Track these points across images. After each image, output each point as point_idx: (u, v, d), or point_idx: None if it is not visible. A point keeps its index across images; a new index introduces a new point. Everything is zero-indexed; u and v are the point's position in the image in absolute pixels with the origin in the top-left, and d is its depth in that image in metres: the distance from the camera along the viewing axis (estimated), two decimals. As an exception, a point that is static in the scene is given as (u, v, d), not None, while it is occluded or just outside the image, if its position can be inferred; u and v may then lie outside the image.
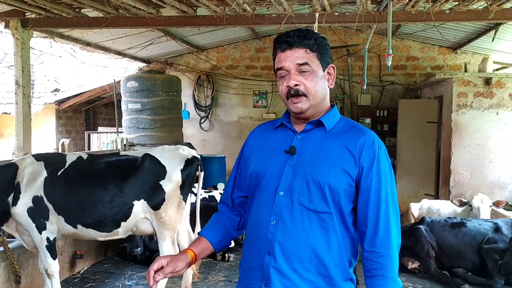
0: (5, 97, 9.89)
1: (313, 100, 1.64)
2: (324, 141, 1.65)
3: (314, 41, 1.63)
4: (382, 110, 9.57)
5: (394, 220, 1.62)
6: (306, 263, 1.59)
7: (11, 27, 5.55)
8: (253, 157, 1.77)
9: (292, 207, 1.60)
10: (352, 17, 5.40)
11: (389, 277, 1.58)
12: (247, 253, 1.71)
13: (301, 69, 1.62)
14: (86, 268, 5.39)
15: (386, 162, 1.64)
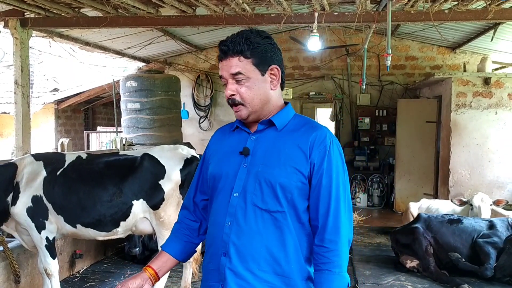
0: (4, 96, 9.88)
1: (251, 107, 1.65)
2: (276, 140, 1.66)
3: (247, 46, 1.62)
4: (381, 110, 9.59)
5: (345, 216, 1.62)
6: (261, 263, 1.60)
7: (10, 27, 5.55)
8: (212, 160, 1.79)
9: (246, 208, 1.61)
10: (351, 17, 5.41)
11: (336, 272, 1.59)
12: (207, 254, 1.72)
13: (236, 78, 1.63)
14: (85, 268, 5.39)
15: (338, 157, 1.64)
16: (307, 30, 9.06)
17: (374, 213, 8.84)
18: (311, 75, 9.74)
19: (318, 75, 9.77)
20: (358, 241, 6.50)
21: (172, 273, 4.65)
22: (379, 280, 5.04)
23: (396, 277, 5.14)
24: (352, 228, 1.67)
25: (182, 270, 4.56)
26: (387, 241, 6.48)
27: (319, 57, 9.63)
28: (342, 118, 9.79)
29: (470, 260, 4.94)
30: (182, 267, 4.60)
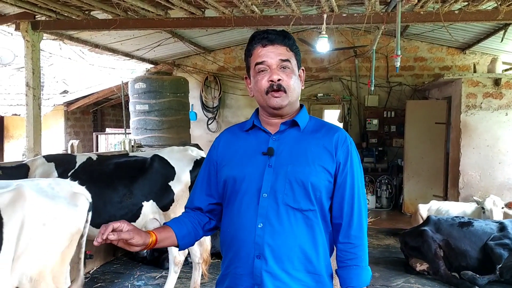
0: (15, 98, 9.97)
1: (291, 97, 1.67)
2: (300, 140, 1.68)
3: (293, 42, 1.70)
4: (389, 111, 9.55)
5: (364, 212, 1.71)
6: (295, 262, 1.61)
7: (21, 29, 5.60)
8: (226, 163, 1.74)
9: (278, 208, 1.61)
10: (360, 18, 5.40)
11: (363, 266, 1.65)
12: (232, 260, 1.67)
13: (283, 65, 1.65)
14: (95, 268, 5.43)
15: (357, 157, 1.71)
16: (315, 31, 9.06)
17: (383, 214, 8.80)
18: (319, 77, 9.73)
19: (326, 77, 9.75)
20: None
21: (181, 274, 4.67)
22: (388, 282, 5.02)
23: (405, 279, 5.12)
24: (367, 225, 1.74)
25: (191, 271, 4.58)
26: (396, 243, 6.45)
27: (327, 58, 9.62)
28: (350, 120, 9.77)
29: (481, 263, 4.90)
30: (191, 268, 4.61)
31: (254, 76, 1.69)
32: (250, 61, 1.71)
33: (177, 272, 4.34)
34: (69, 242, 2.72)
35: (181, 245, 1.73)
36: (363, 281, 1.65)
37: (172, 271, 4.31)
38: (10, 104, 9.94)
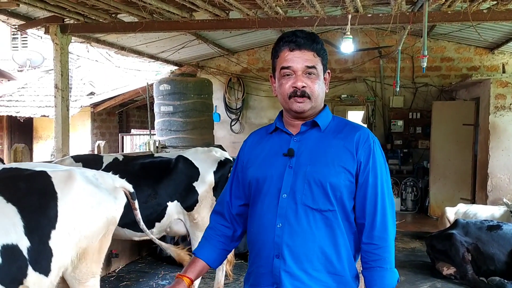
0: (43, 100, 10.23)
1: (315, 102, 1.69)
2: (321, 140, 1.69)
3: (321, 46, 1.69)
4: (415, 112, 9.40)
5: (390, 213, 1.66)
6: (315, 262, 1.61)
7: (50, 33, 5.74)
8: (251, 164, 1.78)
9: (297, 208, 1.62)
10: (386, 18, 5.33)
11: (387, 268, 1.61)
12: (255, 259, 1.70)
13: (308, 71, 1.66)
14: (121, 267, 5.51)
15: (381, 156, 1.68)
16: (339, 32, 9.00)
17: (408, 217, 8.66)
18: (343, 78, 9.66)
19: (350, 78, 9.67)
20: (391, 246, 6.38)
21: (205, 275, 4.68)
22: (414, 286, 4.95)
23: (432, 283, 5.03)
24: (395, 225, 1.69)
25: (214, 271, 4.60)
26: (422, 246, 6.34)
27: (351, 59, 9.54)
28: (375, 121, 9.66)
29: (510, 267, 4.78)
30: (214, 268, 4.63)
31: (279, 79, 1.70)
32: (276, 63, 1.71)
33: (200, 272, 4.36)
34: (107, 231, 2.83)
35: (215, 267, 1.86)
36: (388, 284, 1.61)
37: (196, 271, 4.33)
38: (39, 106, 10.20)
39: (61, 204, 2.59)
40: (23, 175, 2.64)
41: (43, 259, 2.49)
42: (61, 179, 2.67)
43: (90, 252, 2.73)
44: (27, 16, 5.78)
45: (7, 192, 2.49)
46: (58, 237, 2.55)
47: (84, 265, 2.71)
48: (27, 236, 2.43)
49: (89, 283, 2.76)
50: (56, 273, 2.56)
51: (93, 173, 2.90)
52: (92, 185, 2.77)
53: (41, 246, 2.48)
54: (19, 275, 2.41)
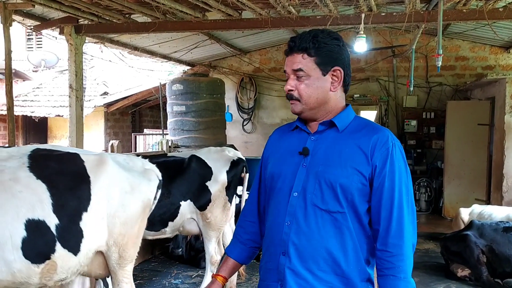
0: (58, 100, 10.35)
1: (306, 104, 1.66)
2: (337, 141, 1.66)
3: (312, 44, 1.63)
4: (429, 112, 9.30)
5: (408, 219, 1.59)
6: (321, 263, 1.59)
7: (65, 33, 5.80)
8: (270, 160, 1.80)
9: (306, 208, 1.61)
10: (400, 17, 5.28)
11: (401, 277, 1.56)
12: (265, 254, 1.73)
13: (297, 74, 1.65)
14: (134, 266, 5.53)
15: (400, 160, 1.61)
16: (352, 31, 8.95)
17: (421, 218, 8.58)
18: (356, 77, 9.59)
19: (363, 77, 9.61)
20: (405, 247, 6.32)
21: (217, 274, 4.70)
22: (428, 287, 4.89)
23: (446, 285, 4.98)
24: (416, 232, 1.63)
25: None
26: (436, 247, 6.28)
27: (364, 58, 9.48)
28: (388, 121, 9.58)
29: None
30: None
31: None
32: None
33: (213, 271, 4.37)
34: (143, 215, 2.86)
35: (247, 263, 1.94)
36: None
37: (208, 271, 4.35)
38: (53, 106, 10.33)
39: (94, 188, 2.63)
40: (55, 155, 2.68)
41: (72, 238, 2.54)
42: (93, 163, 2.70)
43: (129, 238, 2.76)
44: (42, 17, 5.84)
45: (38, 169, 2.54)
46: (90, 220, 2.58)
47: (124, 250, 2.76)
48: (55, 213, 2.48)
49: (127, 267, 2.85)
50: (85, 254, 2.60)
51: (124, 157, 2.94)
52: (124, 170, 2.79)
53: (71, 225, 2.53)
54: (46, 249, 2.46)
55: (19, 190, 2.45)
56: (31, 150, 2.65)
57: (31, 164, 2.54)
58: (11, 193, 2.43)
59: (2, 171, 2.48)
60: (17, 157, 2.58)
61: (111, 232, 2.69)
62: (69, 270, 2.58)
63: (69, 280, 2.69)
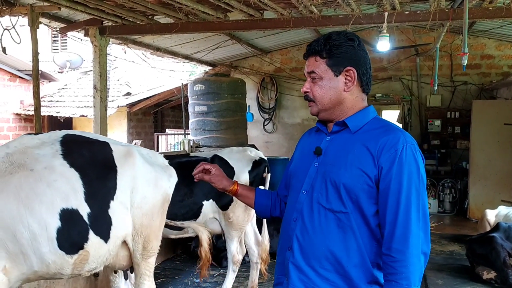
0: (82, 100, 10.54)
1: (321, 105, 1.71)
2: (347, 141, 1.67)
3: (324, 47, 1.67)
4: (453, 112, 9.14)
5: (416, 225, 1.54)
6: (322, 261, 1.62)
7: (90, 35, 5.90)
8: (293, 159, 1.89)
9: (311, 206, 1.66)
10: (424, 16, 5.20)
11: (403, 285, 1.51)
12: (277, 249, 1.81)
13: (311, 77, 1.71)
14: (156, 264, 5.59)
15: (412, 162, 1.56)
16: (374, 30, 8.86)
17: (446, 219, 8.44)
18: (378, 77, 9.49)
19: (385, 76, 9.50)
20: (429, 249, 6.23)
21: (239, 274, 4.72)
22: (453, 290, 4.81)
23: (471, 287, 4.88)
24: (428, 240, 1.58)
25: (249, 270, 4.62)
26: (461, 250, 6.16)
27: (386, 58, 9.37)
28: (411, 120, 9.45)
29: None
30: (249, 267, 4.66)
31: None
32: None
33: (235, 271, 4.40)
34: (162, 209, 2.91)
35: (256, 210, 2.03)
36: None
37: (230, 270, 4.37)
38: (78, 106, 10.52)
39: (120, 178, 2.66)
40: (87, 142, 2.71)
41: (103, 225, 2.58)
42: (121, 153, 2.73)
43: (151, 230, 2.80)
44: (67, 19, 5.96)
45: (71, 157, 2.55)
46: (116, 208, 2.62)
47: (147, 242, 2.80)
48: (87, 202, 2.51)
49: (150, 260, 2.89)
50: (114, 241, 2.64)
51: (147, 151, 2.98)
52: (148, 163, 2.84)
53: (101, 213, 2.57)
54: (80, 239, 2.49)
55: (54, 179, 2.46)
56: (61, 136, 2.66)
57: (64, 152, 2.56)
58: (46, 182, 2.44)
59: (37, 160, 2.48)
60: (49, 143, 2.59)
61: (134, 222, 2.74)
62: (99, 259, 2.61)
63: (98, 270, 2.73)
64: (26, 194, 2.38)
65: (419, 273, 1.54)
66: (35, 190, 2.40)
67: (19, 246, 2.34)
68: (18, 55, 9.15)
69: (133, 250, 2.81)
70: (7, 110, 10.06)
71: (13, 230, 2.33)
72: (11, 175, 2.41)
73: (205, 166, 1.94)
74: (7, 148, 2.55)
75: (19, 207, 2.35)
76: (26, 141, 2.59)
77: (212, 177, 1.94)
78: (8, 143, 2.63)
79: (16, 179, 2.40)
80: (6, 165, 2.44)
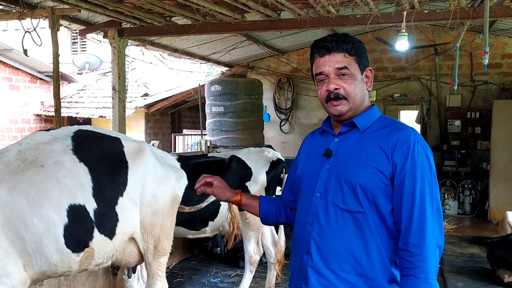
0: (101, 101, 10.68)
1: (353, 103, 1.67)
2: (358, 141, 1.67)
3: (351, 45, 1.67)
4: (473, 112, 8.98)
5: (431, 219, 1.56)
6: (342, 263, 1.60)
7: (109, 37, 5.97)
8: (300, 162, 1.86)
9: (327, 208, 1.64)
10: (444, 14, 5.12)
11: (421, 278, 1.53)
12: (292, 253, 1.78)
13: (340, 73, 1.65)
14: (174, 264, 5.65)
15: (424, 158, 1.59)
16: (392, 29, 8.77)
17: (466, 221, 8.30)
18: (396, 76, 9.39)
19: (403, 76, 9.39)
20: (448, 251, 6.14)
21: (256, 274, 4.72)
22: (473, 293, 4.73)
23: (492, 291, 4.79)
24: (442, 233, 1.60)
25: (266, 271, 4.62)
26: (481, 252, 6.06)
27: (405, 57, 9.26)
28: (429, 121, 9.32)
29: None
30: (266, 268, 4.65)
31: (316, 85, 1.75)
32: (312, 71, 1.75)
33: (252, 271, 4.39)
34: (172, 209, 2.90)
35: (261, 218, 2.00)
36: None
37: (247, 270, 4.37)
38: (97, 107, 10.66)
39: (131, 174, 2.64)
40: (98, 137, 2.69)
41: (109, 222, 2.55)
42: (132, 150, 2.71)
43: (161, 230, 2.78)
44: (87, 21, 6.05)
45: (80, 151, 2.54)
46: (125, 204, 2.60)
47: (157, 242, 2.78)
48: (94, 198, 2.49)
49: (161, 259, 2.88)
50: (120, 238, 2.61)
51: (160, 152, 2.98)
52: (159, 162, 2.82)
53: (108, 210, 2.54)
54: (86, 237, 2.47)
55: (63, 174, 2.43)
56: (73, 131, 2.65)
57: (74, 147, 2.53)
58: (56, 178, 2.42)
59: (48, 155, 2.47)
60: (61, 139, 2.58)
61: (144, 220, 2.71)
62: (105, 255, 2.59)
63: (106, 265, 2.70)
64: (36, 191, 2.37)
65: (436, 266, 1.56)
66: (45, 186, 2.39)
67: (30, 244, 2.34)
68: (39, 57, 9.33)
69: (143, 250, 2.79)
70: (28, 111, 10.26)
71: (25, 227, 2.32)
72: (23, 172, 2.41)
73: (207, 179, 1.90)
74: (20, 145, 2.55)
75: (29, 204, 2.34)
76: (38, 138, 2.59)
77: (215, 189, 1.91)
78: (21, 140, 2.63)
79: (27, 176, 2.39)
80: (18, 162, 2.44)
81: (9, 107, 9.77)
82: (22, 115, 10.12)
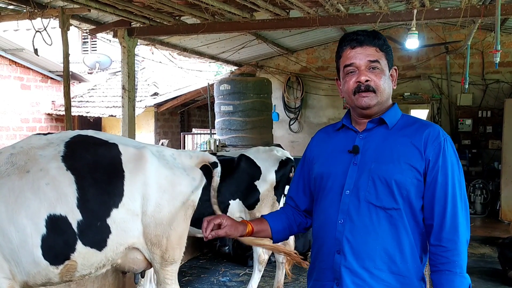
0: (111, 101, 10.74)
1: (381, 97, 1.66)
2: (387, 137, 1.66)
3: (383, 41, 1.68)
4: (485, 111, 8.89)
5: (462, 214, 1.58)
6: (377, 261, 1.58)
7: (118, 36, 6.01)
8: (316, 160, 1.80)
9: (359, 205, 1.61)
10: (455, 12, 5.08)
11: (457, 272, 1.54)
12: (317, 254, 1.72)
13: (372, 66, 1.65)
14: (183, 263, 5.67)
15: (453, 154, 1.61)
16: (403, 28, 8.70)
17: (477, 221, 8.22)
18: (406, 75, 9.33)
19: (414, 75, 9.32)
20: (459, 251, 6.08)
21: (264, 273, 4.72)
22: (484, 294, 4.69)
23: (504, 292, 4.74)
24: (469, 228, 1.61)
25: (274, 270, 4.61)
26: (492, 252, 6.01)
27: (415, 56, 9.19)
28: (440, 120, 9.24)
29: None
30: (274, 267, 4.65)
31: (343, 78, 1.72)
32: (340, 63, 1.73)
33: (261, 270, 4.39)
34: (184, 216, 2.68)
35: (274, 238, 1.86)
36: None
37: (256, 269, 4.37)
38: (107, 106, 10.73)
39: (129, 184, 2.45)
40: (93, 144, 2.51)
41: (97, 234, 2.38)
42: (131, 157, 2.51)
43: (168, 240, 2.59)
44: (97, 21, 6.09)
45: (70, 159, 2.38)
46: (119, 216, 2.43)
47: (165, 252, 2.61)
48: (79, 209, 2.32)
49: (168, 268, 2.69)
50: (113, 249, 2.45)
51: (171, 153, 2.74)
52: (165, 167, 2.60)
53: (96, 222, 2.37)
54: (66, 249, 2.32)
55: (46, 182, 2.30)
56: (70, 137, 2.51)
57: (65, 153, 2.39)
58: (37, 186, 2.29)
59: (36, 161, 2.35)
60: (55, 144, 2.45)
61: (148, 232, 2.53)
62: (93, 266, 2.45)
63: (98, 274, 2.56)
64: (16, 198, 2.25)
65: (466, 260, 1.58)
66: (25, 193, 2.27)
67: (8, 252, 2.24)
68: (49, 56, 9.40)
69: (149, 259, 2.63)
70: (39, 110, 10.35)
71: (2, 235, 2.23)
72: (8, 176, 2.30)
73: (214, 222, 1.71)
74: (13, 148, 2.44)
75: (7, 212, 2.24)
76: (33, 142, 2.47)
77: (227, 229, 1.73)
78: (16, 144, 2.51)
79: (11, 181, 2.28)
80: (7, 166, 2.33)
81: (20, 107, 9.87)
82: (33, 114, 10.22)
